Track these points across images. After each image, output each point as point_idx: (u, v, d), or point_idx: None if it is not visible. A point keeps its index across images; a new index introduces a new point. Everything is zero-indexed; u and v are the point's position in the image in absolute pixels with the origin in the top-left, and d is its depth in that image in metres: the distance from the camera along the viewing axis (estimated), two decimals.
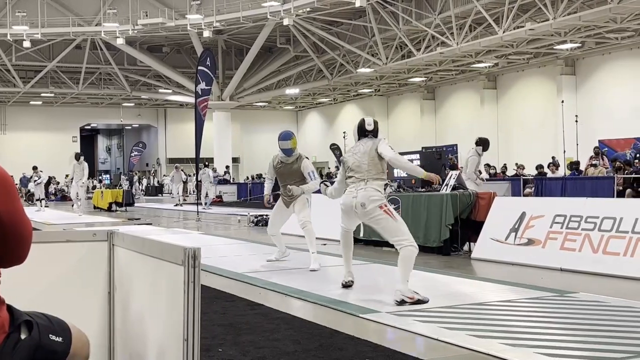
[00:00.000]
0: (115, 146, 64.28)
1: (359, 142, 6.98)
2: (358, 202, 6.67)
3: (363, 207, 6.63)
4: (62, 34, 36.76)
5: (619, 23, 24.05)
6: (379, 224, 6.66)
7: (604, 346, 4.71)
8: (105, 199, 26.38)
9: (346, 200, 6.86)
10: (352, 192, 6.80)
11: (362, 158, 6.81)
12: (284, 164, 9.15)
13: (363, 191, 6.68)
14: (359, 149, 6.90)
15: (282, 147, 9.11)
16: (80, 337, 2.59)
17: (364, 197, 6.65)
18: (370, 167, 6.77)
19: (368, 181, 6.71)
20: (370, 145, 6.84)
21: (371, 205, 6.62)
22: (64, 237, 3.44)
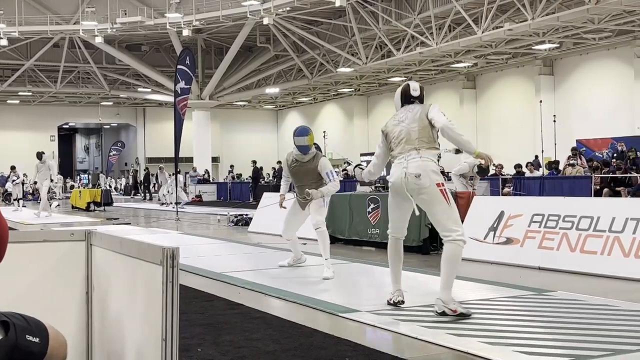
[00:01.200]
0: (93, 145, 63.86)
1: (404, 109, 6.15)
2: (411, 173, 5.73)
3: (418, 177, 5.70)
4: (40, 32, 36.46)
5: (596, 24, 24.26)
6: (431, 205, 5.77)
7: (581, 344, 4.75)
8: (83, 198, 26.20)
9: (396, 174, 5.87)
10: (401, 164, 5.85)
11: (412, 125, 5.95)
12: (300, 162, 8.33)
13: (418, 160, 5.77)
14: (406, 116, 6.05)
15: (298, 143, 8.24)
16: (58, 338, 2.57)
17: (419, 167, 5.73)
18: (422, 135, 5.88)
19: (421, 150, 5.82)
20: (419, 110, 6.03)
21: (428, 178, 5.71)
22: (41, 237, 3.41)
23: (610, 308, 5.99)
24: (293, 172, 8.42)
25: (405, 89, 6.23)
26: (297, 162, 8.33)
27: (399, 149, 5.94)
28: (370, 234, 11.28)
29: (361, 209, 11.49)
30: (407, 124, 5.97)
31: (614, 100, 28.42)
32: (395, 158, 5.96)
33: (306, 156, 8.24)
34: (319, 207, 8.30)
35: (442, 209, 5.72)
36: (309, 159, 8.24)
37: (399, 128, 6.03)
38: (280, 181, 9.51)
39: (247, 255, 10.78)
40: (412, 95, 6.19)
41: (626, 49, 27.79)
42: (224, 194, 34.46)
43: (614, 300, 6.28)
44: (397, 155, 5.95)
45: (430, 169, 5.74)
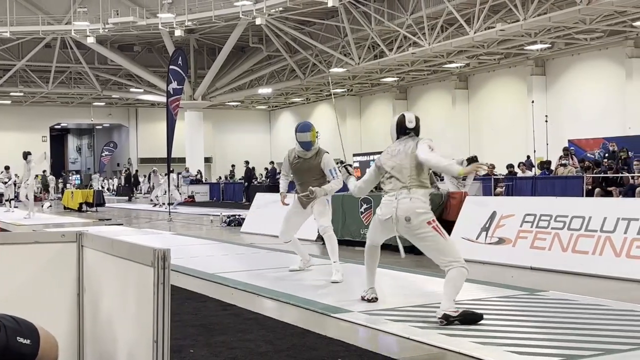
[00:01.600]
0: (85, 146, 63.69)
1: (398, 142, 6.08)
2: (401, 216, 5.74)
3: (408, 221, 5.71)
4: (32, 32, 36.33)
5: (588, 24, 24.34)
6: (425, 242, 5.78)
7: (573, 344, 4.76)
8: (75, 199, 26.13)
9: (385, 212, 5.90)
10: (391, 202, 5.84)
11: (404, 161, 5.90)
12: (302, 159, 8.04)
13: (407, 202, 5.75)
14: (399, 149, 6.00)
15: (300, 139, 7.96)
16: (49, 340, 2.57)
17: (409, 210, 5.72)
18: (413, 172, 5.84)
19: (411, 189, 5.79)
20: (411, 145, 5.94)
21: (417, 220, 5.71)
22: (32, 238, 3.39)
23: (602, 308, 6.01)
24: (295, 169, 8.15)
25: (400, 121, 6.14)
26: (300, 158, 8.06)
27: (391, 184, 5.93)
28: (363, 234, 11.27)
29: (354, 209, 11.49)
30: (400, 160, 5.93)
31: (605, 101, 28.52)
32: (387, 193, 5.96)
33: (309, 152, 7.98)
34: (324, 209, 8.05)
35: (438, 244, 5.71)
36: (312, 155, 7.99)
37: (392, 163, 5.99)
38: (273, 181, 9.41)
39: (239, 255, 10.77)
40: (407, 127, 6.08)
41: (617, 49, 27.89)
42: (217, 195, 34.42)
43: (605, 300, 6.30)
44: (388, 190, 5.95)
45: (418, 210, 5.72)
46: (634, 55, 27.19)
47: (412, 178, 5.82)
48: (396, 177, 5.89)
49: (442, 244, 5.71)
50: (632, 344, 4.72)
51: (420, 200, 5.77)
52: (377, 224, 6.14)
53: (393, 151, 6.06)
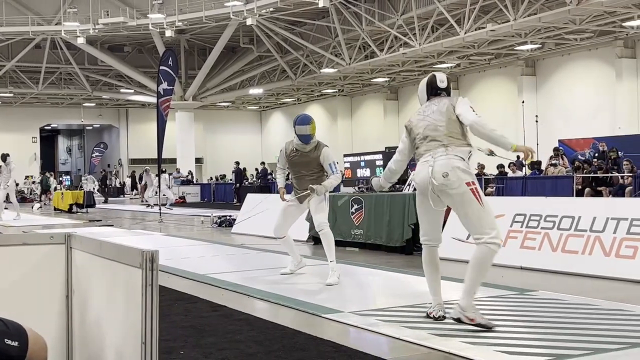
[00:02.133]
0: (76, 147, 63.48)
1: (429, 102, 5.67)
2: (438, 172, 5.22)
3: (445, 177, 5.20)
4: (21, 32, 36.20)
5: (578, 24, 24.45)
6: (461, 207, 5.28)
7: (563, 343, 4.78)
8: (65, 200, 26.04)
9: (421, 173, 5.37)
10: (427, 162, 5.34)
11: (439, 119, 5.45)
12: (300, 152, 7.75)
13: (444, 158, 5.26)
14: (432, 109, 5.57)
15: (299, 132, 7.66)
16: (38, 341, 2.56)
17: (447, 165, 5.22)
18: (450, 130, 5.38)
19: (449, 147, 5.31)
20: (446, 103, 5.53)
21: (456, 177, 5.20)
22: (20, 240, 3.38)
23: (591, 307, 6.03)
24: (292, 163, 7.85)
25: (431, 80, 5.78)
26: (298, 151, 7.76)
27: (425, 146, 5.43)
28: (353, 234, 11.29)
29: (345, 209, 11.50)
30: (434, 119, 5.47)
31: (595, 101, 28.64)
32: (421, 156, 5.44)
33: (307, 146, 7.69)
34: (320, 204, 7.75)
35: (473, 210, 5.22)
36: (311, 148, 7.71)
37: (425, 123, 5.51)
38: (264, 181, 9.33)
39: (230, 256, 10.76)
40: (439, 87, 5.73)
41: (607, 49, 28.02)
42: (208, 195, 34.38)
43: (595, 300, 6.33)
44: (423, 152, 5.43)
45: (459, 167, 5.23)
46: (624, 55, 27.32)
47: (449, 137, 5.34)
48: (431, 137, 5.40)
49: (480, 212, 5.20)
50: (621, 344, 4.74)
51: (460, 158, 5.27)
52: (419, 202, 5.54)
53: (425, 111, 5.60)
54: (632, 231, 7.55)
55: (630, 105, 27.32)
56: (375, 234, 10.84)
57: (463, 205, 5.25)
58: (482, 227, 5.20)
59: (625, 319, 5.54)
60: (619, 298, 6.42)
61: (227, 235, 14.39)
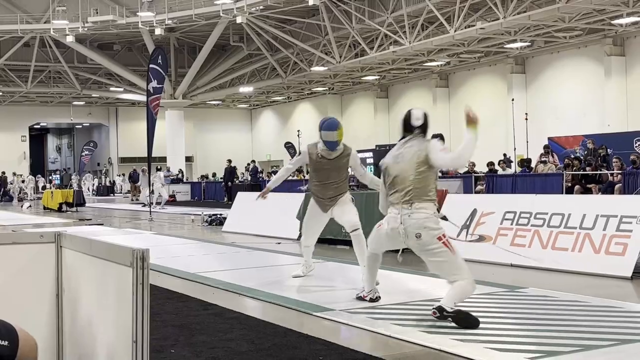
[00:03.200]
0: (65, 145, 63.24)
1: (404, 142, 5.56)
2: (411, 232, 5.37)
3: (418, 238, 5.36)
4: (10, 31, 36.02)
5: (567, 22, 24.53)
6: (434, 257, 5.41)
7: (553, 340, 4.79)
8: (55, 199, 25.93)
9: (393, 225, 5.50)
10: (395, 217, 5.46)
11: (407, 168, 5.41)
12: (326, 159, 7.21)
13: (413, 218, 5.37)
14: (401, 152, 5.51)
15: (326, 138, 7.08)
16: (28, 341, 2.55)
17: (417, 226, 5.34)
18: (417, 182, 5.38)
19: (414, 202, 5.36)
20: (417, 149, 5.44)
21: (428, 237, 5.35)
22: (9, 239, 3.37)
23: (581, 304, 6.06)
24: (318, 169, 7.28)
25: (406, 117, 5.59)
26: (324, 158, 7.19)
27: (394, 196, 5.48)
28: (344, 232, 11.26)
29: None
30: (404, 167, 5.44)
31: (584, 98, 28.76)
32: (391, 204, 5.53)
33: (334, 152, 7.15)
34: (347, 205, 7.32)
35: (447, 259, 5.36)
36: (337, 155, 7.17)
37: (397, 168, 5.49)
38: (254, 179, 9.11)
39: (221, 255, 10.75)
40: (413, 125, 5.54)
41: (596, 47, 28.13)
42: (198, 194, 34.32)
43: (585, 296, 6.36)
44: (392, 202, 5.51)
45: (427, 225, 5.34)
46: (613, 53, 27.43)
47: (416, 190, 5.37)
48: (399, 187, 5.43)
49: (451, 260, 5.36)
50: (611, 340, 4.77)
51: (427, 215, 5.36)
52: (382, 235, 5.72)
53: (399, 153, 5.52)
54: (621, 228, 7.58)
55: (619, 102, 27.45)
56: (366, 232, 10.82)
57: (436, 257, 5.39)
58: (456, 274, 5.36)
59: (615, 316, 5.57)
60: (609, 295, 6.45)
61: (217, 234, 14.37)
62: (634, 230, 7.46)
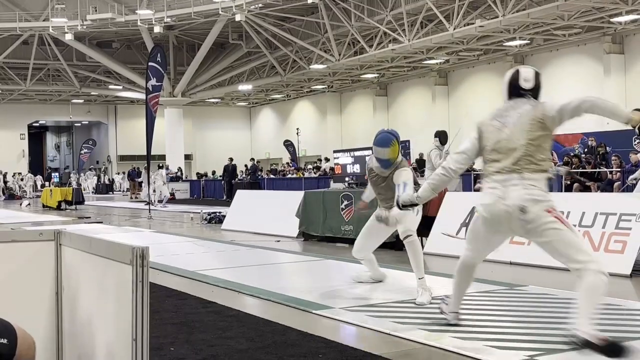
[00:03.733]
0: (64, 143, 63.19)
1: (509, 105, 4.71)
2: (514, 206, 4.42)
3: (523, 212, 4.41)
4: (9, 29, 35.97)
5: (566, 20, 24.52)
6: (547, 237, 4.47)
7: (552, 337, 4.80)
8: (54, 197, 25.92)
9: (492, 206, 4.54)
10: (495, 191, 4.52)
11: (517, 134, 4.52)
12: (378, 176, 6.64)
13: (519, 189, 4.44)
14: (511, 117, 4.61)
15: (377, 155, 6.49)
16: (27, 339, 2.55)
17: (522, 198, 4.42)
18: (529, 152, 4.48)
19: (524, 173, 4.46)
20: (529, 112, 4.56)
21: (535, 209, 4.40)
22: (9, 237, 3.36)
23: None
24: (372, 182, 6.81)
25: (513, 78, 4.76)
26: (377, 175, 6.66)
27: (497, 165, 4.58)
28: (343, 230, 11.29)
29: (334, 205, 11.49)
30: (511, 133, 4.56)
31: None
32: (489, 178, 4.63)
33: (386, 171, 6.49)
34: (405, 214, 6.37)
35: (563, 237, 4.43)
36: (390, 173, 6.47)
37: (500, 135, 4.61)
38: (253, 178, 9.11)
39: (220, 253, 10.75)
40: (522, 87, 4.70)
41: (595, 45, 28.12)
42: (197, 192, 34.32)
43: None
44: (492, 173, 4.60)
45: (536, 198, 4.43)
46: (612, 51, 27.42)
47: (527, 160, 4.48)
48: (505, 157, 4.53)
49: (569, 239, 4.43)
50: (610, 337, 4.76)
51: (536, 187, 4.45)
52: (480, 227, 4.75)
53: (503, 119, 4.65)
54: (620, 226, 7.59)
55: (618, 100, 27.36)
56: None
57: (549, 235, 4.46)
58: (579, 256, 4.42)
59: (614, 313, 5.57)
60: (608, 292, 6.43)
61: (217, 232, 14.37)
62: (633, 228, 7.46)
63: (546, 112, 4.55)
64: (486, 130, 4.73)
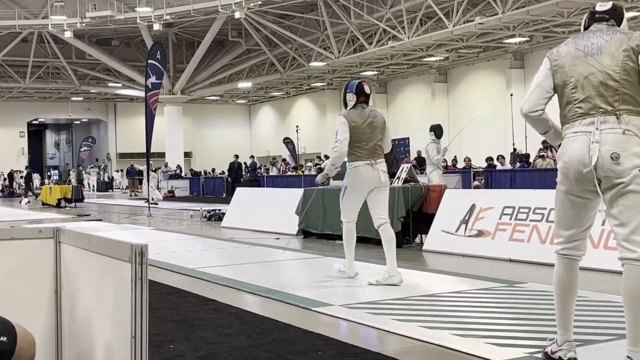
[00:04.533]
0: (64, 141, 63.20)
1: (591, 33, 3.79)
2: (606, 151, 3.58)
3: (615, 160, 3.57)
4: (8, 27, 35.96)
5: (565, 17, 24.53)
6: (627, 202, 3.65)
7: (552, 335, 4.79)
8: (54, 195, 25.92)
9: (577, 150, 3.70)
10: (589, 133, 3.64)
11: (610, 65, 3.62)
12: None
13: (617, 133, 3.60)
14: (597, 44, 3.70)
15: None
16: (26, 336, 2.54)
17: (618, 144, 3.59)
18: (627, 86, 3.58)
19: (622, 116, 3.60)
20: (621, 39, 3.64)
21: (628, 162, 3.58)
22: (8, 234, 3.36)
23: (580, 299, 6.02)
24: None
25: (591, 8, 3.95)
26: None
27: (585, 105, 3.69)
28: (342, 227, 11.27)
29: (334, 203, 11.47)
30: (601, 64, 3.65)
31: None
32: (576, 121, 3.74)
33: None
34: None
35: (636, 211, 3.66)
36: None
37: (586, 68, 3.69)
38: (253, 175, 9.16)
39: (220, 250, 10.75)
40: (597, 10, 3.86)
41: None
42: (197, 189, 34.32)
43: (582, 291, 6.33)
44: (579, 116, 3.72)
45: (634, 150, 3.60)
46: None
47: (624, 98, 3.60)
48: (595, 95, 3.66)
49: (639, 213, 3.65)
50: (609, 335, 4.77)
51: (635, 135, 3.60)
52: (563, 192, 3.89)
53: (587, 46, 3.73)
54: None
55: None
56: (364, 227, 10.82)
57: (629, 199, 3.65)
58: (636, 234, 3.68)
59: (614, 311, 5.57)
60: (607, 290, 6.45)
61: (216, 229, 14.37)
62: None
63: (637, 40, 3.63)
64: (565, 64, 3.79)
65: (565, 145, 3.82)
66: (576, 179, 3.78)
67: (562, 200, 3.95)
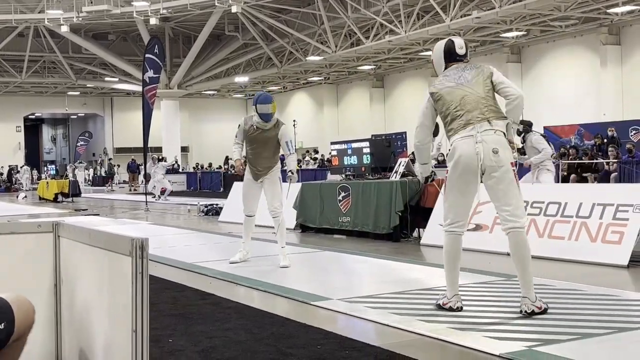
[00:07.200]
0: (60, 136, 63.06)
1: (454, 70, 5.31)
2: (488, 149, 4.96)
3: (496, 154, 4.97)
4: (4, 21, 35.83)
5: (563, 11, 24.50)
6: (502, 187, 5.05)
7: (550, 328, 4.81)
8: (50, 189, 25.89)
9: (466, 149, 5.05)
10: (472, 136, 5.02)
11: (477, 89, 5.12)
12: (260, 129, 7.95)
13: (492, 134, 4.99)
14: (464, 77, 5.21)
15: (261, 111, 7.86)
16: (23, 306, 2.54)
17: (496, 142, 4.98)
18: (489, 102, 5.10)
19: (492, 121, 5.03)
20: (477, 72, 5.23)
21: (504, 155, 5.01)
22: (7, 229, 3.36)
23: (578, 292, 6.07)
24: (250, 139, 8.03)
25: (449, 47, 5.34)
26: (258, 129, 7.96)
27: (465, 117, 5.04)
28: (341, 222, 11.30)
29: (332, 197, 11.50)
30: (471, 89, 5.12)
31: (580, 87, 28.76)
32: (459, 130, 5.05)
33: (268, 124, 7.93)
34: (275, 189, 8.09)
35: (514, 192, 5.05)
36: (271, 126, 7.96)
37: (461, 92, 5.12)
38: None
39: (218, 245, 10.75)
40: (458, 53, 5.33)
41: (592, 36, 28.11)
42: (194, 184, 34.29)
43: (581, 285, 6.37)
44: (462, 126, 5.05)
45: (506, 145, 5.01)
46: (608, 42, 27.42)
47: (490, 109, 5.05)
48: (472, 108, 5.05)
49: (519, 195, 5.08)
50: (608, 328, 4.78)
51: (503, 134, 5.02)
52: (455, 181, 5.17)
53: (457, 79, 5.22)
54: (617, 217, 7.60)
55: (615, 91, 27.46)
56: (362, 221, 10.85)
57: (505, 183, 5.00)
58: (518, 210, 5.09)
59: (612, 304, 5.59)
60: (606, 283, 6.47)
61: (214, 224, 14.37)
62: (630, 219, 7.48)
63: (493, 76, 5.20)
64: (444, 94, 5.19)
65: (456, 146, 5.06)
66: (464, 170, 5.05)
67: (450, 187, 5.20)
